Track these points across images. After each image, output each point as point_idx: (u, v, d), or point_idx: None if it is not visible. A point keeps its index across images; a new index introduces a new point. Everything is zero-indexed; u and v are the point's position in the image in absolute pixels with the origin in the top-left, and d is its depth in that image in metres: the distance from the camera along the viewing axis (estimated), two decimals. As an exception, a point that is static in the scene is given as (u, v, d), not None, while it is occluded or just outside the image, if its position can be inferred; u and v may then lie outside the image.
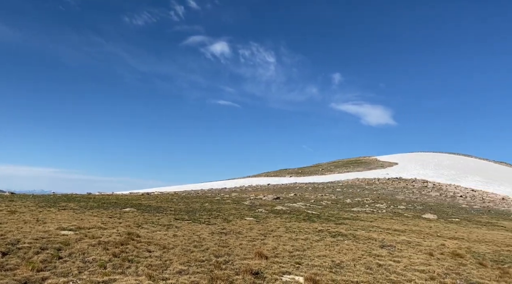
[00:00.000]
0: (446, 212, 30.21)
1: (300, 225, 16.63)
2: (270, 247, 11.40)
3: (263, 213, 19.90)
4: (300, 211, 22.23)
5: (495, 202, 44.70)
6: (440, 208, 33.48)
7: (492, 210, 36.55)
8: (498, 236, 19.05)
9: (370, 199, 34.94)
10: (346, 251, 11.80)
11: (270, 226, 15.72)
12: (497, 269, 11.22)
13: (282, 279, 8.16)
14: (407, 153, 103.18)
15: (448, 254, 12.85)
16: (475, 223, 25.12)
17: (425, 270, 10.25)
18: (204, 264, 8.93)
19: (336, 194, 38.98)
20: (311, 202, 29.59)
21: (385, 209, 28.29)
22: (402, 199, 38.15)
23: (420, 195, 44.11)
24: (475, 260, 12.33)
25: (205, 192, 44.08)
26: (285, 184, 56.17)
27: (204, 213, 18.67)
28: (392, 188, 49.41)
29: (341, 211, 25.06)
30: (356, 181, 56.84)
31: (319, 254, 11.00)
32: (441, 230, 19.66)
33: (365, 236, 15.01)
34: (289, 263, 9.69)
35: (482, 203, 42.26)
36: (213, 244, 11.20)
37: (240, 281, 7.74)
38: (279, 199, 30.34)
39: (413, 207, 31.85)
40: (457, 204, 39.25)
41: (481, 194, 49.52)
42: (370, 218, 22.26)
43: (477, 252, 13.80)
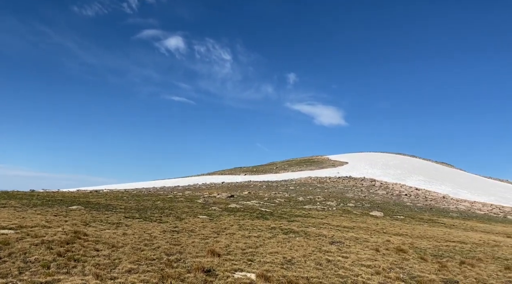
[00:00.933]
0: (392, 210, 31.70)
1: (253, 223, 16.76)
2: (223, 245, 11.40)
3: (217, 211, 19.84)
4: (254, 209, 22.40)
5: (436, 200, 47.55)
6: (387, 206, 35.08)
7: (433, 208, 38.87)
8: (438, 232, 20.30)
9: (321, 197, 35.90)
10: (297, 248, 12.05)
11: (224, 224, 15.70)
12: (436, 263, 11.96)
13: (234, 276, 8.18)
14: (357, 152, 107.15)
15: (392, 249, 13.50)
16: (418, 220, 26.59)
17: (371, 265, 10.71)
18: (155, 262, 8.76)
19: (289, 192, 39.66)
20: (265, 200, 29.91)
21: (335, 207, 29.21)
22: (351, 197, 39.55)
23: (368, 193, 45.95)
24: (417, 255, 13.06)
25: (157, 190, 43.18)
26: (239, 182, 56.32)
27: (156, 211, 18.29)
28: (342, 187, 51.09)
29: (294, 208, 25.55)
30: (309, 180, 58.17)
31: (271, 251, 11.15)
32: (387, 227, 20.62)
33: (316, 233, 15.41)
34: (241, 260, 9.74)
35: (425, 201, 44.81)
36: (164, 243, 11.00)
37: (192, 278, 7.67)
38: (233, 197, 30.38)
39: (361, 205, 33.13)
40: (402, 202, 41.33)
41: (424, 193, 52.48)
42: (321, 215, 22.87)
43: (419, 248, 14.62)
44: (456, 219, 31.16)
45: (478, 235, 20.94)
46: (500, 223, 32.71)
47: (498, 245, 17.66)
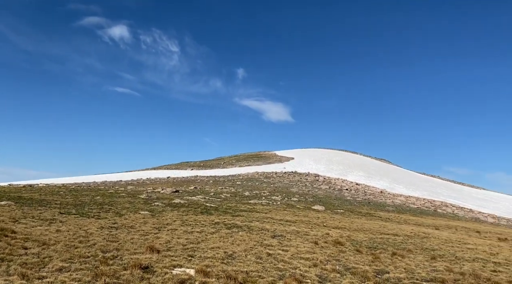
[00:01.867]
0: (333, 204, 32.91)
1: (197, 218, 16.62)
2: (163, 241, 11.19)
3: (160, 207, 19.43)
4: (199, 204, 22.22)
5: (374, 195, 50.06)
6: (328, 200, 36.36)
7: (371, 202, 40.89)
8: (374, 225, 21.40)
9: (267, 192, 36.41)
10: (239, 242, 12.13)
11: (166, 220, 15.42)
12: (370, 255, 12.61)
13: (173, 272, 8.07)
14: (303, 149, 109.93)
15: (331, 242, 14.03)
16: (357, 213, 27.85)
17: (310, 257, 11.06)
18: (89, 260, 8.41)
19: (236, 187, 39.80)
20: (211, 195, 29.77)
21: (280, 201, 29.77)
22: (296, 192, 40.52)
23: (312, 188, 47.34)
24: (353, 247, 13.68)
25: (98, 185, 41.42)
26: (185, 177, 55.57)
27: (95, 206, 17.54)
28: (288, 181, 52.18)
29: (239, 203, 25.69)
30: (256, 175, 58.74)
31: (213, 246, 11.13)
32: (327, 220, 21.38)
33: (259, 227, 15.61)
34: (181, 256, 9.63)
35: (364, 196, 47.01)
36: (101, 239, 10.58)
37: (128, 276, 7.45)
38: (178, 193, 29.92)
39: (304, 199, 34.06)
40: (343, 196, 43.05)
41: (363, 188, 55.02)
42: (266, 209, 23.21)
43: (355, 240, 15.32)
44: (392, 212, 33.02)
45: (410, 228, 22.36)
46: (431, 216, 35.18)
47: (427, 236, 18.98)
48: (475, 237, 22.49)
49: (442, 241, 17.92)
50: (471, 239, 20.48)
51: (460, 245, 17.32)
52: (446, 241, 18.26)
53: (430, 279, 10.34)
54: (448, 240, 18.72)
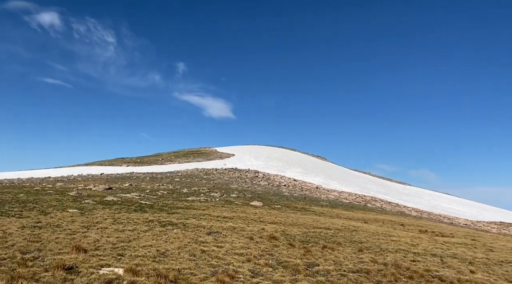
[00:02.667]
0: (271, 200, 33.54)
1: (130, 216, 16.07)
2: (91, 240, 10.68)
3: (90, 205, 18.50)
4: (133, 202, 21.49)
5: (310, 190, 51.79)
6: (267, 196, 36.99)
7: (307, 197, 42.26)
8: (308, 220, 22.15)
9: (206, 189, 36.18)
10: (173, 240, 11.93)
11: (96, 218, 14.72)
12: (302, 248, 13.03)
13: (99, 272, 7.74)
14: (243, 145, 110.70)
15: (266, 237, 14.30)
16: (293, 208, 28.63)
17: (244, 253, 11.18)
18: (6, 262, 7.79)
19: (174, 184, 39.06)
20: (147, 192, 28.94)
21: (219, 198, 29.73)
22: (235, 188, 40.71)
23: (251, 184, 47.85)
24: (287, 241, 14.05)
25: (22, 182, 38.46)
26: (121, 174, 53.47)
27: (17, 205, 16.27)
28: (228, 178, 52.26)
29: (176, 200, 25.25)
30: (195, 171, 58.10)
31: (145, 244, 10.84)
32: (264, 216, 21.74)
33: (195, 224, 15.46)
34: (110, 255, 9.26)
35: (300, 191, 48.44)
36: (21, 240, 9.85)
37: (49, 278, 7.02)
38: (112, 190, 28.71)
39: (243, 195, 34.34)
40: (281, 192, 44.03)
41: (300, 184, 56.69)
42: (203, 206, 23.05)
43: (289, 234, 15.75)
44: (325, 207, 34.39)
45: (341, 222, 23.44)
46: (361, 211, 37.15)
47: (356, 230, 20.03)
48: (399, 229, 24.15)
49: (370, 234, 19.02)
50: (396, 232, 21.96)
51: (385, 238, 18.50)
52: (373, 234, 19.40)
53: (356, 270, 10.93)
54: (375, 233, 19.92)
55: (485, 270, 13.56)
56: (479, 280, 11.48)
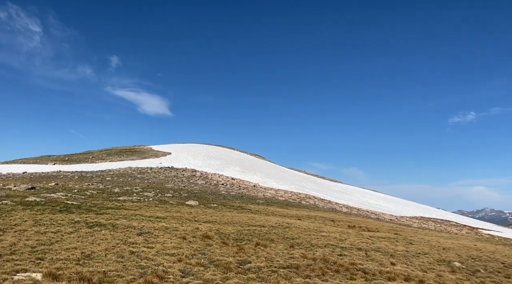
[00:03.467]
0: (207, 199, 33.33)
1: (53, 217, 15.06)
2: (7, 244, 9.85)
3: (8, 206, 17.06)
4: (58, 202, 20.17)
5: (248, 189, 52.29)
6: (203, 195, 36.70)
7: (244, 196, 42.61)
8: (244, 218, 22.34)
9: (139, 188, 35.01)
10: (100, 242, 11.39)
11: (15, 220, 13.60)
12: (236, 246, 13.11)
13: (14, 278, 7.17)
14: (181, 143, 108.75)
15: (199, 236, 14.17)
16: (229, 207, 28.70)
17: (175, 253, 10.99)
18: None
19: (104, 183, 37.29)
20: (74, 192, 27.33)
21: (152, 198, 28.94)
22: (171, 187, 39.86)
23: (188, 183, 47.16)
24: (221, 240, 14.05)
25: None
26: (46, 173, 49.94)
27: None
28: (164, 177, 51.02)
29: (106, 200, 24.14)
30: (129, 170, 55.97)
31: (68, 247, 10.22)
32: (200, 215, 21.54)
33: (125, 225, 14.89)
34: (28, 259, 8.62)
35: (238, 190, 48.71)
36: None
37: (-48, 288, 6.37)
38: (35, 189, 26.72)
39: (179, 194, 33.75)
40: (218, 191, 43.93)
41: (238, 182, 56.99)
42: (136, 206, 22.29)
43: (224, 233, 15.76)
44: (262, 205, 34.93)
45: (276, 219, 23.95)
46: (295, 208, 38.25)
47: (289, 226, 20.58)
48: (330, 225, 25.23)
49: (302, 230, 19.65)
50: (326, 228, 22.91)
51: (316, 233, 19.23)
52: (305, 230, 20.07)
53: (287, 266, 11.24)
54: (307, 229, 20.62)
55: (404, 262, 14.63)
56: (398, 271, 12.36)
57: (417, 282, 11.28)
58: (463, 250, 20.66)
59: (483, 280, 13.17)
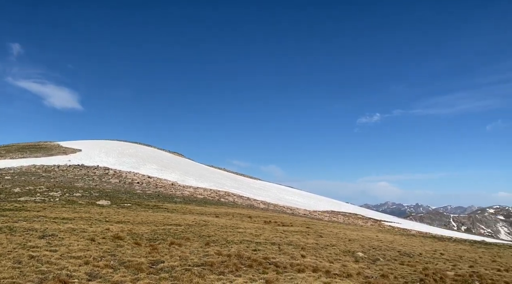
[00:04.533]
0: (120, 198, 31.88)
1: None
2: None
3: None
4: None
5: (165, 187, 51.05)
6: (117, 194, 35.02)
7: (161, 195, 41.55)
8: (159, 217, 21.80)
9: (44, 188, 32.25)
10: (-7, 247, 10.29)
11: None
12: (149, 246, 12.75)
13: None
14: (93, 140, 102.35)
15: (110, 237, 13.51)
16: (144, 206, 27.78)
17: (82, 256, 10.36)
18: None
19: (3, 183, 33.68)
20: (-36, 192, 24.29)
21: (59, 198, 26.88)
22: (80, 187, 37.37)
23: (100, 182, 44.59)
24: (133, 240, 13.55)
25: None
26: None
27: None
28: (72, 176, 47.62)
29: (4, 201, 21.87)
30: (32, 168, 51.20)
31: (-47, 255, 9.08)
32: (111, 215, 20.53)
33: (25, 228, 13.63)
34: None
35: (155, 189, 47.31)
36: None
37: None
38: None
39: (89, 194, 31.80)
40: (133, 190, 42.25)
41: (155, 181, 55.35)
42: (39, 207, 20.53)
43: (137, 233, 15.22)
44: (179, 204, 34.39)
45: (193, 217, 23.76)
46: (214, 206, 38.32)
47: (206, 224, 20.56)
48: (247, 221, 25.73)
49: (219, 228, 19.76)
50: (243, 224, 23.32)
51: (232, 230, 19.48)
52: (222, 227, 20.21)
53: (201, 263, 11.23)
54: (224, 226, 20.78)
55: (313, 254, 15.49)
56: (307, 263, 13.05)
57: (324, 272, 12.02)
58: (366, 241, 22.48)
59: (381, 267, 14.47)
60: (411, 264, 15.92)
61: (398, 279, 12.48)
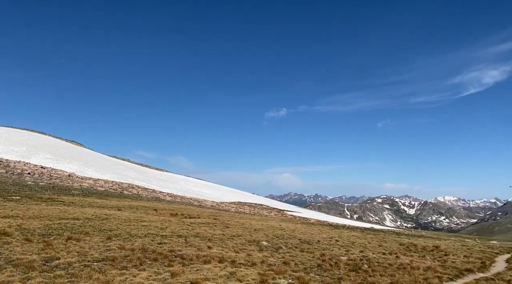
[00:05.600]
0: (8, 190, 28.65)
1: None
2: None
3: None
4: None
5: (61, 178, 47.10)
6: (3, 186, 31.38)
7: (57, 187, 38.27)
8: (54, 211, 20.09)
9: None
10: None
11: None
12: (42, 242, 11.71)
13: None
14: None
15: (-6, 234, 12.09)
16: (37, 199, 25.34)
17: (-41, 255, 9.12)
18: None
19: None
20: None
21: None
22: (-44, 178, 32.63)
23: (-19, 173, 39.44)
24: (23, 236, 12.32)
25: None
26: None
27: None
28: None
29: None
30: None
31: None
32: (-4, 209, 18.36)
33: None
34: None
35: (49, 180, 43.36)
36: None
37: None
38: None
39: (-32, 186, 27.98)
40: (23, 181, 38.24)
41: (49, 172, 50.70)
42: None
43: (27, 229, 13.85)
44: (77, 196, 32.06)
45: (93, 211, 22.35)
46: (116, 198, 36.51)
47: (108, 218, 19.51)
48: (152, 214, 25.04)
49: (122, 221, 18.90)
50: (148, 217, 22.64)
51: (137, 223, 18.80)
52: (125, 220, 19.37)
53: (102, 259, 10.66)
54: (128, 219, 19.95)
55: (220, 245, 15.70)
56: (214, 254, 13.19)
57: (230, 262, 12.28)
58: (270, 230, 23.46)
59: (283, 255, 15.24)
60: (310, 250, 17.06)
61: (298, 266, 13.27)
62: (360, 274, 12.78)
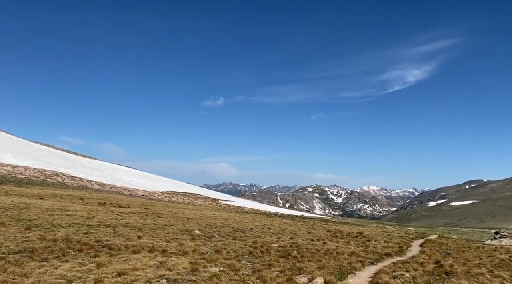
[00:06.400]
0: None
1: None
2: None
3: None
4: None
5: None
6: None
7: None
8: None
9: None
10: None
11: None
12: None
13: None
14: None
15: None
16: None
17: None
18: None
19: None
20: None
21: None
22: None
23: None
24: None
25: None
26: None
27: None
28: None
29: None
30: None
31: None
32: None
33: None
34: None
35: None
36: None
37: None
38: None
39: None
40: None
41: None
42: None
43: None
44: (-8, 184, 29.35)
45: (11, 199, 20.61)
46: (38, 186, 34.02)
47: (27, 207, 18.11)
48: (78, 203, 23.70)
49: (43, 210, 17.67)
50: (74, 206, 21.39)
51: (60, 212, 17.68)
52: (47, 210, 18.13)
53: (19, 250, 9.91)
54: (50, 209, 18.68)
55: (150, 234, 15.33)
56: (143, 244, 12.85)
57: (160, 252, 12.03)
58: (203, 219, 23.39)
59: (216, 243, 15.29)
60: (242, 238, 17.30)
61: (230, 253, 13.40)
62: (289, 260, 13.24)
